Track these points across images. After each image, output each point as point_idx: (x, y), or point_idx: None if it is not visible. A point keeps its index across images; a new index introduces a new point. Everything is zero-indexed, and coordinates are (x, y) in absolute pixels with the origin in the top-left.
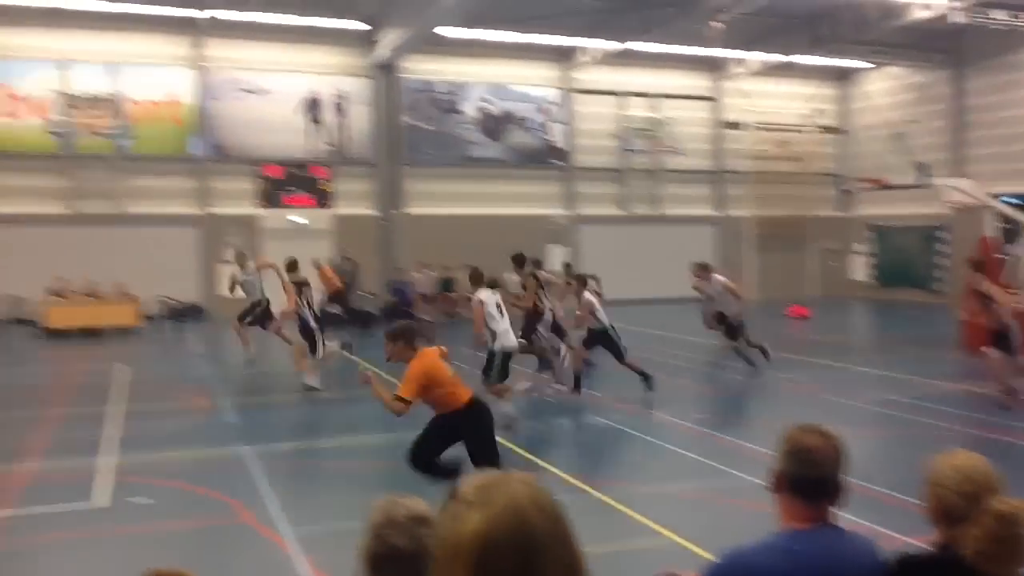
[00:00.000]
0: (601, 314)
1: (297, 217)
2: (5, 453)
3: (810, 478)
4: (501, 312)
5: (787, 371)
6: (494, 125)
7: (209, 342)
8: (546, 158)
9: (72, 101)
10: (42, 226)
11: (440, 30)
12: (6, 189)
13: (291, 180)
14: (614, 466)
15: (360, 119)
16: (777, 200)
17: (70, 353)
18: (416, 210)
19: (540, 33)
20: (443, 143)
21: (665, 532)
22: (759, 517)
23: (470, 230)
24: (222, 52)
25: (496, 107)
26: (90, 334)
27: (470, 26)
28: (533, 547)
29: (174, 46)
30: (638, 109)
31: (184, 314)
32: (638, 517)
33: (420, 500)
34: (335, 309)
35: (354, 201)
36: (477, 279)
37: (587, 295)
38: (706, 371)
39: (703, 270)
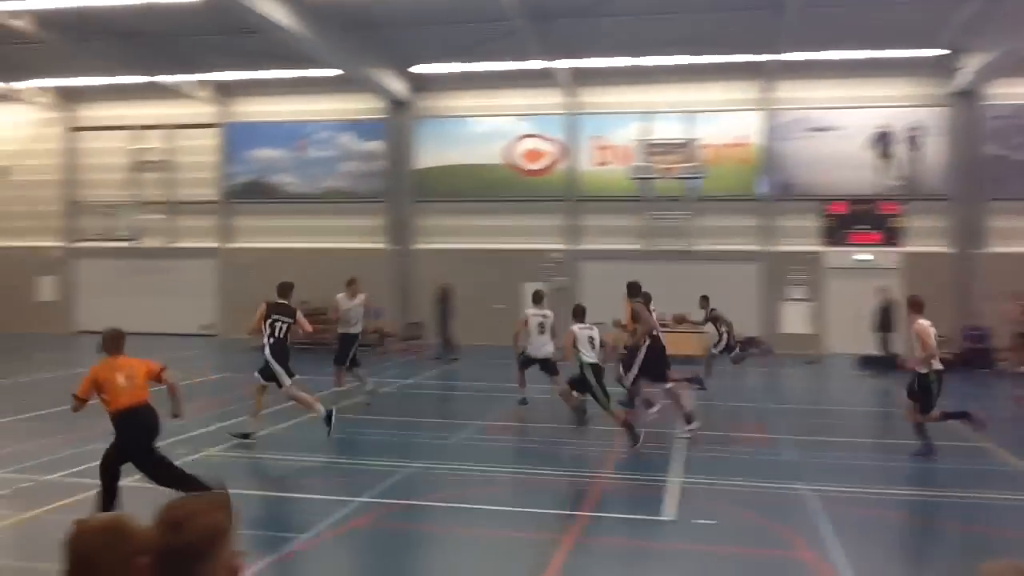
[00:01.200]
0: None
1: (862, 255)
2: (587, 462)
3: None
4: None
5: None
6: None
7: (769, 376)
8: None
9: (651, 148)
10: (622, 261)
11: None
12: (597, 228)
13: (857, 217)
14: None
15: (935, 151)
16: None
17: None
18: (1000, 248)
19: None
20: None
21: None
22: None
23: None
24: (790, 93)
25: None
26: None
27: None
28: None
29: (744, 91)
30: None
31: (744, 348)
32: None
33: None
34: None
35: (926, 238)
36: (579, 313)
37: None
38: None
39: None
